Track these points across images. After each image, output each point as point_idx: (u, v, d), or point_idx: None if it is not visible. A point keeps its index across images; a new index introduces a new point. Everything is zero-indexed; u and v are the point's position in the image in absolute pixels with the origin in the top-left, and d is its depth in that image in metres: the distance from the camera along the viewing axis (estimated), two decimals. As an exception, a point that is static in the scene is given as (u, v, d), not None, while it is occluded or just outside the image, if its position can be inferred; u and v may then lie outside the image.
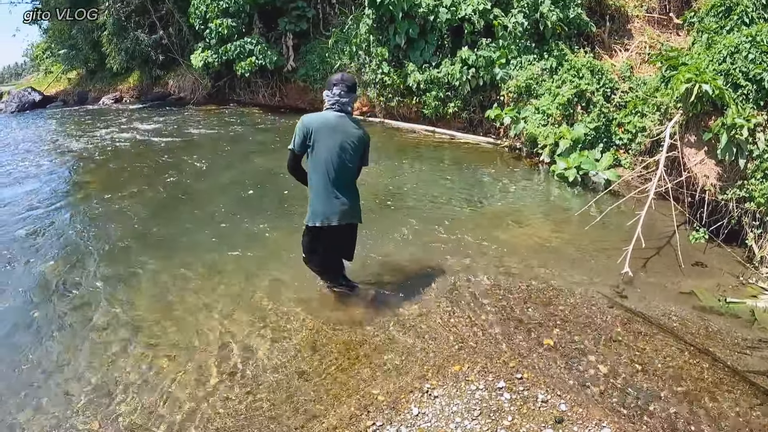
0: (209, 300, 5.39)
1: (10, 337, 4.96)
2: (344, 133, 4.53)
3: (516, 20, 11.11)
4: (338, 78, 4.57)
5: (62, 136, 16.66)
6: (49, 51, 31.49)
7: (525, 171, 9.61)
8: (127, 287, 5.80)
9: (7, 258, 6.77)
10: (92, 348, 4.72)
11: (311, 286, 5.48)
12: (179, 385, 4.13)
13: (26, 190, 10.10)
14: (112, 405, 3.95)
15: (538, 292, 5.27)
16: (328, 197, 4.64)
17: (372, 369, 4.17)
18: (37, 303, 5.59)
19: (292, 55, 18.04)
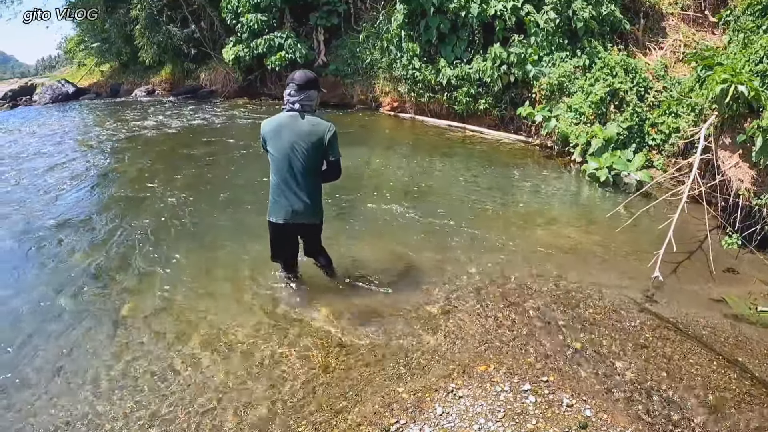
0: (235, 291, 5.54)
1: (39, 324, 5.16)
2: (294, 133, 4.58)
3: (548, 17, 11.06)
4: (290, 78, 4.64)
5: (94, 126, 17.12)
6: (82, 44, 31.84)
7: (556, 170, 9.59)
8: (153, 276, 5.99)
9: (37, 245, 7.04)
10: (118, 336, 4.89)
11: (339, 283, 5.57)
12: (203, 375, 4.26)
13: (58, 178, 10.48)
14: (138, 393, 4.08)
15: (567, 293, 5.26)
16: (279, 197, 4.79)
17: (397, 367, 4.22)
18: (65, 291, 5.77)
19: (323, 50, 18.17)
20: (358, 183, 9.14)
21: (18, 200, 9.10)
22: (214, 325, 4.99)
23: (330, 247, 5.74)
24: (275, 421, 3.75)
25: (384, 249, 6.51)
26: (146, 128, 15.92)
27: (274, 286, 5.60)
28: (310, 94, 4.61)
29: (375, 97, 16.68)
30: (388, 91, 16.03)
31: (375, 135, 13.92)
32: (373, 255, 6.35)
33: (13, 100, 27.65)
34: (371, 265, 6.08)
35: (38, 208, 8.61)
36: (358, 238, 6.90)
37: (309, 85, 4.59)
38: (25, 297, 5.73)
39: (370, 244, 6.67)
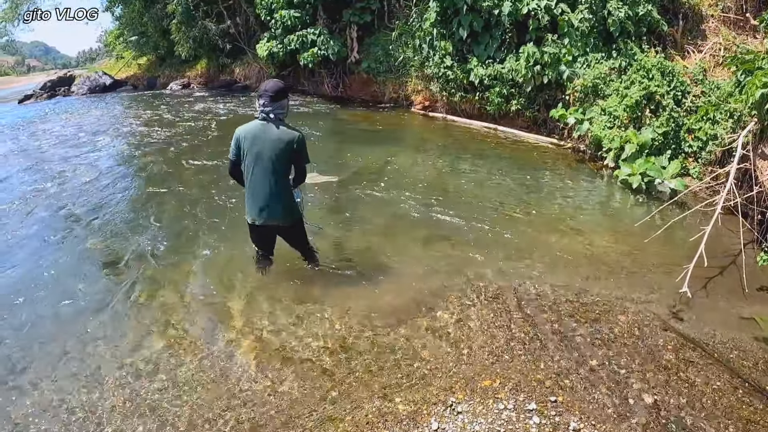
0: (249, 287, 5.55)
1: (55, 311, 5.27)
2: (265, 140, 4.87)
3: (583, 16, 10.77)
4: (262, 89, 4.89)
5: (128, 117, 17.83)
6: (121, 38, 32.62)
7: (587, 174, 9.33)
8: (175, 268, 6.09)
9: (61, 233, 7.23)
10: (133, 327, 4.96)
11: (351, 281, 5.55)
12: (202, 370, 4.28)
13: (87, 166, 10.88)
14: (141, 384, 4.14)
15: (588, 306, 5.08)
16: (253, 199, 5.10)
17: (398, 375, 4.13)
18: (85, 279, 5.90)
19: (356, 47, 18.08)
20: (385, 180, 9.09)
21: (45, 188, 9.40)
22: (222, 317, 5.04)
23: (348, 240, 6.20)
24: (265, 421, 3.72)
25: (402, 247, 6.45)
26: (180, 119, 16.33)
27: (287, 280, 5.59)
28: (282, 103, 4.90)
29: (407, 96, 16.56)
30: (420, 89, 15.90)
31: (405, 133, 13.86)
32: (390, 253, 6.30)
33: (52, 91, 28.70)
34: (387, 263, 6.04)
35: (64, 195, 8.88)
36: (377, 233, 6.90)
37: (280, 95, 4.87)
38: (44, 280, 5.89)
39: (389, 242, 6.63)
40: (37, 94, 28.50)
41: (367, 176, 9.40)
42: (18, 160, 11.93)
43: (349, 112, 16.71)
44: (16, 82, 58.81)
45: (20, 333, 4.94)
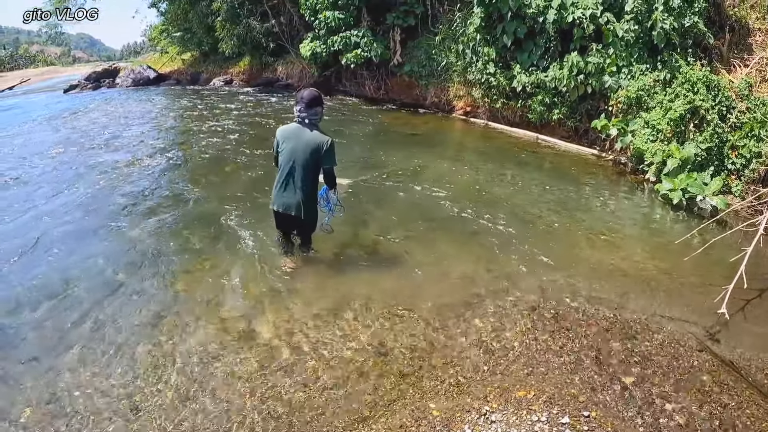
0: (285, 284, 5.78)
1: (95, 298, 5.55)
2: (299, 141, 5.52)
3: (628, 26, 10.75)
4: (299, 97, 5.52)
5: (171, 110, 18.50)
6: (165, 33, 33.11)
7: (627, 188, 9.35)
8: (212, 262, 6.33)
9: (106, 222, 7.56)
10: (168, 317, 5.21)
11: (391, 286, 5.75)
12: (239, 365, 4.47)
13: (131, 157, 11.33)
14: (168, 375, 4.35)
15: (624, 322, 5.13)
16: (279, 190, 5.75)
17: (434, 381, 4.25)
18: (125, 268, 6.19)
19: (399, 50, 18.23)
20: (422, 183, 9.24)
21: (91, 177, 9.80)
22: (259, 313, 5.25)
23: (385, 242, 6.66)
24: (299, 420, 3.85)
25: (438, 252, 6.59)
26: (223, 115, 16.80)
27: (327, 280, 5.81)
28: (316, 110, 5.54)
29: (448, 101, 16.61)
30: (462, 95, 15.96)
31: (445, 138, 13.95)
32: (426, 257, 6.48)
33: (96, 82, 29.39)
34: (424, 267, 6.21)
35: (110, 185, 9.28)
36: (413, 237, 7.08)
37: (315, 102, 5.52)
38: (86, 268, 6.22)
39: (424, 246, 6.80)
40: (82, 84, 29.16)
41: (405, 178, 9.57)
42: (63, 149, 12.36)
43: (389, 115, 16.85)
44: (62, 72, 59.87)
45: (58, 316, 5.24)
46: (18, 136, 14.56)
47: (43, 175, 10.06)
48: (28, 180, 9.71)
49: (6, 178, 9.91)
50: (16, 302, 5.53)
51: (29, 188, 9.21)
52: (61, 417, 3.90)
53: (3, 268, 6.28)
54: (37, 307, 5.41)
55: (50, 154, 11.81)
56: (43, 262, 6.42)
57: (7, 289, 5.78)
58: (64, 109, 20.15)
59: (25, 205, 8.38)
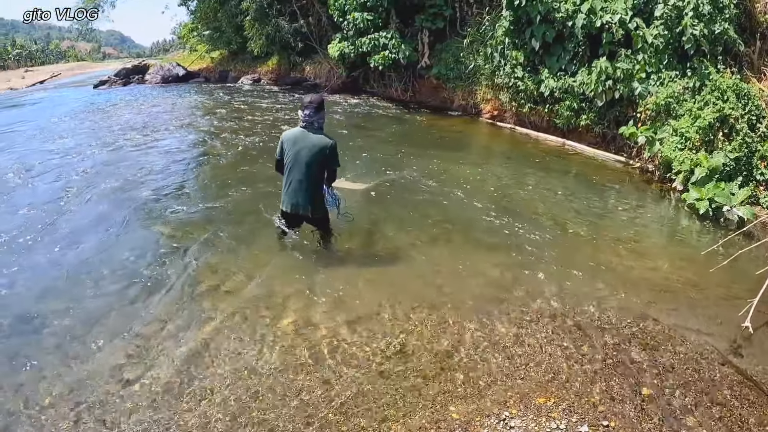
0: (307, 283, 5.87)
1: (118, 290, 5.72)
2: (304, 144, 5.84)
3: (657, 32, 10.72)
4: (307, 101, 5.86)
5: (199, 107, 19.00)
6: (195, 31, 33.64)
7: (654, 196, 9.33)
8: (235, 258, 6.49)
9: (130, 215, 7.79)
10: (191, 311, 5.33)
11: (413, 287, 5.84)
12: (258, 361, 4.56)
13: (158, 152, 11.74)
14: (188, 369, 4.45)
15: (647, 332, 5.11)
16: (287, 191, 6.09)
17: (454, 384, 4.27)
18: (150, 262, 6.35)
19: (427, 52, 18.35)
20: (448, 188, 9.29)
21: (117, 170, 10.12)
22: (283, 310, 5.35)
23: (407, 244, 6.78)
24: (317, 418, 3.91)
25: (462, 256, 6.66)
26: (251, 112, 17.18)
27: (349, 282, 5.87)
28: (321, 114, 5.93)
29: (475, 104, 16.69)
30: (489, 98, 15.99)
31: (471, 142, 14.06)
32: (450, 260, 6.56)
33: (126, 78, 30.15)
34: (447, 269, 6.30)
35: (136, 179, 9.55)
36: (438, 239, 7.17)
37: (320, 107, 5.89)
38: (110, 260, 6.41)
39: (448, 249, 6.88)
40: (112, 80, 30.01)
41: (430, 181, 9.66)
42: (91, 143, 12.78)
43: (416, 117, 16.95)
44: (92, 68, 61.10)
45: (83, 308, 5.40)
46: (46, 130, 15.04)
47: (72, 167, 10.40)
48: (59, 172, 10.06)
49: (35, 171, 10.25)
50: (44, 290, 5.75)
51: (60, 181, 9.52)
52: (83, 406, 4.02)
53: (33, 256, 6.52)
54: (63, 296, 5.61)
55: (81, 147, 12.18)
56: (72, 252, 6.65)
57: (35, 278, 6.01)
58: (94, 103, 20.82)
59: (55, 196, 8.70)
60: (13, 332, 5.02)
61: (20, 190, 9.08)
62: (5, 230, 7.21)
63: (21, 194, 8.88)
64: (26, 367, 4.47)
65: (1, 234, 7.09)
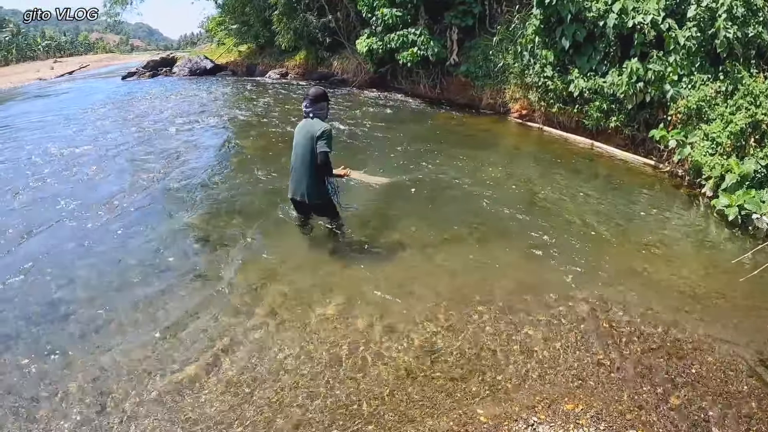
0: (336, 279, 6.04)
1: (144, 281, 5.95)
2: (302, 133, 6.34)
3: (690, 33, 10.65)
4: (307, 93, 6.49)
5: (228, 99, 19.53)
6: (223, 25, 33.93)
7: (683, 202, 9.27)
8: (264, 253, 6.67)
9: (161, 207, 8.12)
10: (216, 303, 5.51)
11: (440, 286, 5.92)
12: (284, 358, 4.69)
13: (185, 143, 12.10)
14: (217, 364, 4.61)
15: (676, 341, 5.11)
16: (291, 179, 6.61)
17: (482, 386, 4.33)
18: (178, 254, 6.65)
19: (456, 50, 18.33)
20: (475, 186, 9.39)
21: (148, 162, 10.50)
22: (313, 310, 5.45)
23: (439, 243, 6.88)
24: (343, 415, 4.02)
25: (489, 257, 6.75)
26: (280, 106, 17.63)
27: (379, 277, 6.02)
28: (320, 105, 6.40)
29: (504, 103, 16.64)
30: (518, 97, 15.93)
31: (499, 141, 14.05)
32: (476, 261, 6.65)
33: (154, 70, 30.99)
34: (475, 271, 6.39)
35: (166, 170, 9.83)
36: (465, 240, 7.26)
37: (319, 98, 6.39)
38: (139, 251, 6.71)
39: (476, 250, 6.95)
40: (140, 72, 30.85)
41: (457, 179, 9.76)
42: (120, 135, 13.16)
43: (443, 115, 17.00)
44: (120, 59, 62.06)
45: (108, 296, 5.65)
46: (75, 120, 15.54)
47: (101, 159, 10.75)
48: (84, 162, 10.51)
49: (59, 161, 10.68)
50: (69, 279, 6.00)
51: (89, 173, 9.85)
52: (106, 394, 4.22)
53: (61, 247, 6.84)
54: (90, 284, 5.86)
55: (106, 138, 12.65)
56: (102, 242, 6.95)
57: (62, 267, 6.28)
58: (121, 94, 21.50)
59: (86, 186, 9.11)
60: (41, 320, 5.24)
61: (48, 179, 9.48)
62: (30, 220, 7.62)
63: (47, 185, 9.24)
64: (52, 355, 4.68)
65: (27, 224, 7.49)
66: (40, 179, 9.52)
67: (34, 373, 4.47)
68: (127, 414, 4.03)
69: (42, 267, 6.30)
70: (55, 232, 7.26)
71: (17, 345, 4.87)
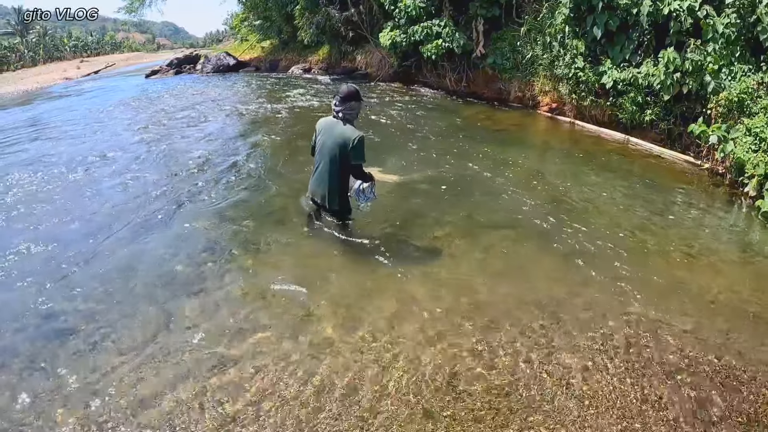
0: (346, 292, 5.70)
1: (148, 289, 5.72)
2: (331, 134, 6.12)
3: (729, 21, 10.12)
4: (337, 91, 6.19)
5: (252, 97, 19.50)
6: (246, 21, 34.49)
7: (724, 202, 8.76)
8: (271, 260, 6.41)
9: (172, 209, 7.89)
10: (227, 307, 5.33)
11: (471, 305, 5.45)
12: (289, 377, 4.38)
13: (206, 140, 12.21)
14: (219, 375, 4.39)
15: (729, 369, 4.56)
16: (312, 178, 6.53)
17: (511, 425, 3.91)
18: (184, 260, 6.40)
19: (482, 41, 17.95)
20: (502, 185, 9.08)
21: (164, 159, 10.57)
22: (318, 327, 5.10)
23: (461, 249, 6.61)
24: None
25: (516, 265, 6.35)
26: (301, 103, 17.59)
27: (401, 303, 5.51)
28: (350, 105, 6.07)
29: (533, 96, 16.29)
30: (548, 90, 15.57)
31: (528, 136, 13.71)
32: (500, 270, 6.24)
33: (177, 68, 31.66)
34: (502, 282, 5.94)
35: (179, 171, 9.74)
36: (491, 247, 6.80)
37: (350, 97, 6.06)
38: (145, 255, 6.50)
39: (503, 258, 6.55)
40: (163, 69, 31.55)
41: (483, 177, 9.48)
42: (137, 134, 13.14)
43: (470, 109, 16.70)
44: (146, 58, 63.52)
45: (112, 303, 5.43)
46: (93, 119, 15.69)
47: (121, 159, 10.69)
48: (101, 161, 10.36)
49: (80, 161, 10.56)
50: (70, 288, 5.71)
51: (103, 170, 9.88)
52: (96, 423, 4.03)
53: (65, 248, 6.65)
54: (92, 295, 5.63)
55: (131, 138, 12.60)
56: (107, 249, 6.70)
57: (63, 275, 6.01)
58: (144, 92, 21.86)
59: (110, 184, 9.07)
60: (37, 334, 5.00)
61: (65, 182, 9.35)
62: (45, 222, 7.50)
63: (66, 186, 9.13)
64: (44, 376, 4.45)
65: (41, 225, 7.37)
66: (52, 181, 9.39)
67: (23, 395, 4.20)
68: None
69: (43, 273, 6.09)
70: (61, 234, 7.12)
71: (11, 362, 4.59)
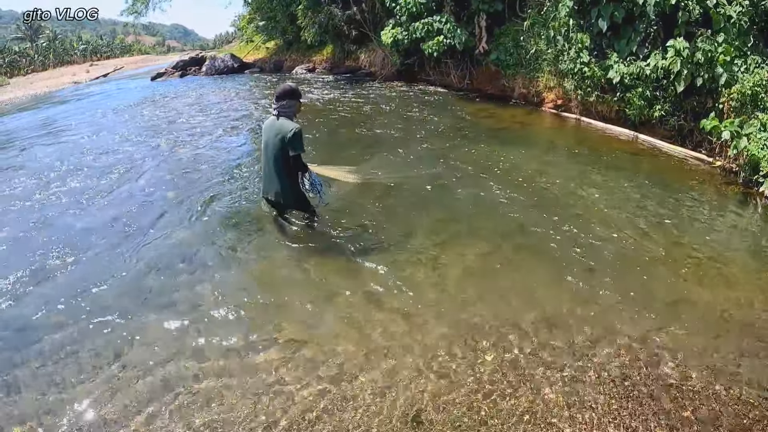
0: (347, 302, 5.50)
1: (117, 310, 5.46)
2: (270, 132, 6.31)
3: (741, 9, 9.56)
4: (275, 91, 6.35)
5: (254, 98, 19.93)
6: (252, 23, 36.01)
7: (737, 203, 8.17)
8: (269, 267, 6.34)
9: (181, 212, 7.98)
10: (194, 324, 5.16)
11: (452, 321, 5.03)
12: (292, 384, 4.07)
13: (210, 138, 12.62)
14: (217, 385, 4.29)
15: (741, 403, 3.95)
16: (262, 179, 6.75)
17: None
18: (199, 249, 6.69)
19: (485, 37, 17.55)
20: (505, 187, 8.69)
21: (164, 165, 10.62)
22: (310, 339, 4.89)
23: (445, 262, 6.21)
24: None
25: (510, 278, 5.92)
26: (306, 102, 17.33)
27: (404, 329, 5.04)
28: (286, 102, 6.27)
29: (537, 92, 15.82)
30: (552, 86, 15.10)
31: (533, 134, 13.22)
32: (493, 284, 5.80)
33: (183, 70, 32.63)
34: (488, 298, 5.51)
35: (177, 175, 9.90)
36: (490, 255, 6.44)
37: (284, 96, 6.27)
38: (119, 269, 6.34)
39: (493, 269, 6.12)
40: (168, 72, 32.49)
41: (485, 178, 9.15)
42: (138, 134, 13.49)
43: (473, 106, 16.34)
44: (155, 60, 64.77)
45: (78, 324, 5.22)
46: (95, 123, 16.06)
47: (122, 161, 10.89)
48: (101, 165, 10.62)
49: (78, 165, 10.77)
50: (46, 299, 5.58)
51: (102, 173, 10.06)
52: None
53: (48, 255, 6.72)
54: (61, 307, 5.52)
55: (131, 141, 12.81)
56: (130, 245, 6.90)
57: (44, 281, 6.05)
58: (149, 95, 22.46)
59: (118, 184, 9.32)
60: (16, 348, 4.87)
61: (62, 185, 9.52)
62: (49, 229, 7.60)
63: (65, 189, 9.30)
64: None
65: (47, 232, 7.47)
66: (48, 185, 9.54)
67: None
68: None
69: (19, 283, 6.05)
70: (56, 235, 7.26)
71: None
